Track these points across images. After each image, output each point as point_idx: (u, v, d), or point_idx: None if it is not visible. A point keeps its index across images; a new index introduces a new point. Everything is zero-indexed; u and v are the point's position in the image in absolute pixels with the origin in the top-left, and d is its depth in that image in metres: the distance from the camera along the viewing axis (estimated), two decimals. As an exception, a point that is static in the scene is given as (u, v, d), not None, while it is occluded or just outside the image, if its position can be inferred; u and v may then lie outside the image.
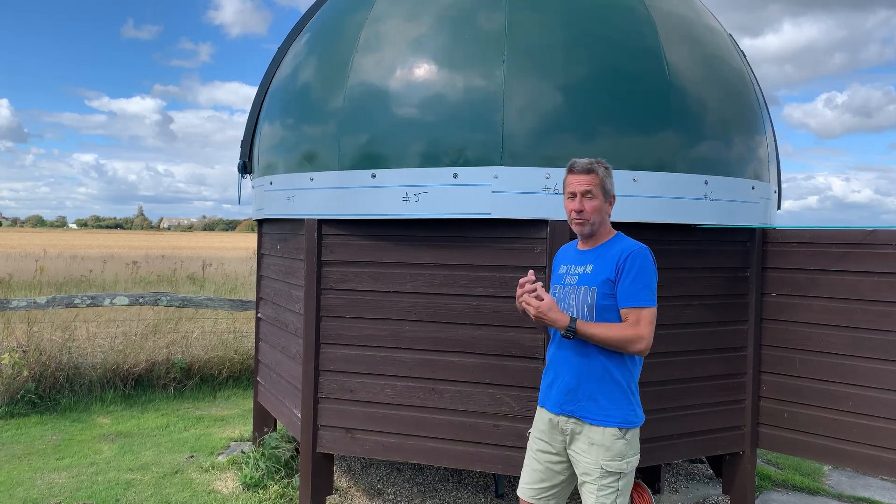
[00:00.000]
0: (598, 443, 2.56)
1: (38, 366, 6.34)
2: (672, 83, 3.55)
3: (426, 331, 3.59)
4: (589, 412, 2.58)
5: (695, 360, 3.75)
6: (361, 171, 3.63)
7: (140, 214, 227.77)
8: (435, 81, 3.53)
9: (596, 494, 2.56)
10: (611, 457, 2.55)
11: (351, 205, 3.70)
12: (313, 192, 3.89)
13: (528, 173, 3.34)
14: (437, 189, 3.44)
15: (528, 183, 3.34)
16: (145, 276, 15.18)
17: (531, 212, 3.37)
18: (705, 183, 3.58)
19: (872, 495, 4.65)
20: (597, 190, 2.61)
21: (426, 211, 3.47)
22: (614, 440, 2.55)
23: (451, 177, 3.41)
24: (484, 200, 3.37)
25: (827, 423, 3.68)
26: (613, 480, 2.55)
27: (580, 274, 2.66)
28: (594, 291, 2.58)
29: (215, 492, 4.42)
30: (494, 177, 3.35)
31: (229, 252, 29.58)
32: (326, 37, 4.18)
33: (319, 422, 3.82)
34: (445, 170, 3.42)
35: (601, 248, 2.67)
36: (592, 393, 2.58)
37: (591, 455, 2.57)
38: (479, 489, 4.53)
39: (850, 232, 3.61)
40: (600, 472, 2.55)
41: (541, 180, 3.33)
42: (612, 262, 2.58)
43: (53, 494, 4.35)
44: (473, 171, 3.38)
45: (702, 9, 4.24)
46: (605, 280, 2.57)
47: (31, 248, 26.89)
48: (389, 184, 3.54)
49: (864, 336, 3.55)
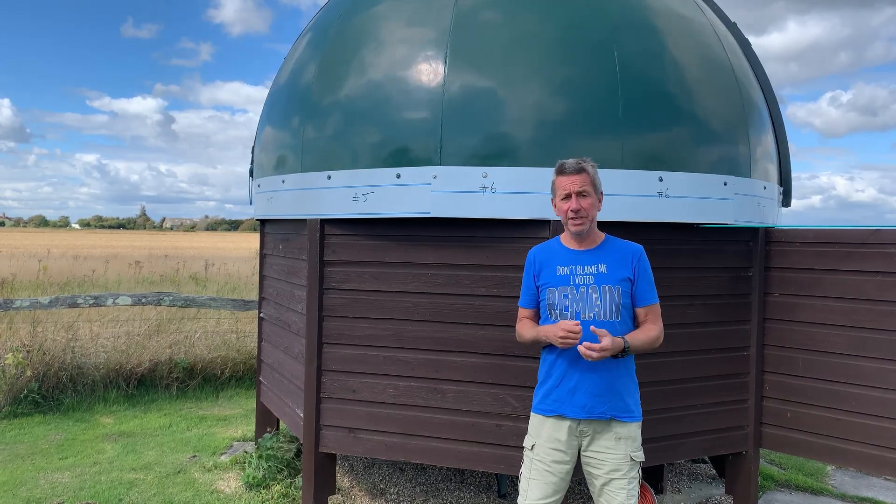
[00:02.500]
0: (625, 436, 2.68)
1: (41, 365, 6.35)
2: (621, 79, 3.42)
3: (428, 330, 3.59)
4: (620, 411, 2.68)
5: (698, 359, 3.74)
6: (319, 172, 3.82)
7: (143, 214, 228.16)
8: (380, 83, 3.65)
9: (627, 488, 2.65)
10: (636, 447, 2.70)
11: (309, 205, 3.91)
12: (285, 192, 4.18)
13: (466, 172, 3.39)
14: (382, 189, 3.55)
15: (466, 183, 3.39)
16: (148, 276, 15.20)
17: (468, 211, 3.45)
18: (660, 179, 3.46)
19: (876, 495, 4.64)
20: (589, 188, 2.67)
21: (372, 210, 3.60)
22: (637, 431, 2.72)
23: (395, 177, 3.50)
24: (425, 200, 3.43)
25: (830, 423, 3.67)
26: (638, 470, 2.71)
27: (594, 273, 2.69)
28: (619, 290, 2.66)
29: (218, 491, 4.42)
30: (434, 176, 3.41)
31: (232, 252, 29.62)
32: (309, 40, 4.40)
33: (322, 422, 3.82)
34: (389, 170, 3.52)
35: (604, 247, 2.71)
36: (621, 391, 2.68)
37: (620, 449, 2.67)
38: (482, 489, 4.52)
39: (854, 231, 3.60)
40: (630, 464, 2.67)
41: (478, 179, 3.38)
42: (626, 261, 2.68)
43: (56, 494, 4.35)
44: (414, 171, 3.45)
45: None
46: (625, 279, 2.67)
47: (34, 249, 26.94)
48: (341, 185, 3.70)
49: (867, 336, 3.54)
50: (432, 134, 3.43)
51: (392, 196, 3.52)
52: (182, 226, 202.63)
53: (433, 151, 3.42)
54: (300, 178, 3.99)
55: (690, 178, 3.53)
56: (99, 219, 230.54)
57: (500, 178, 3.37)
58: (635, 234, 3.20)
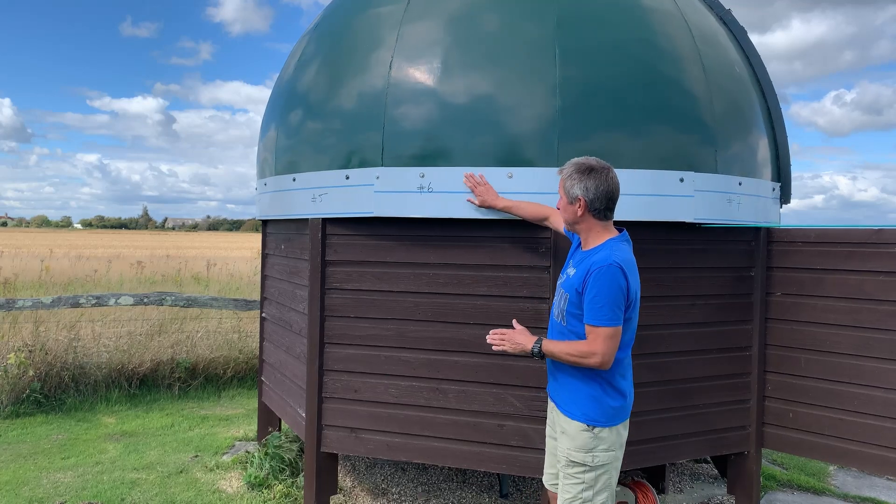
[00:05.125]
0: (567, 431, 2.84)
1: (43, 365, 6.36)
2: (562, 72, 3.36)
3: (430, 330, 3.59)
4: (561, 402, 2.85)
5: (700, 359, 3.74)
6: (286, 175, 4.11)
7: (145, 214, 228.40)
8: (334, 87, 3.82)
9: (564, 484, 2.87)
10: (576, 447, 2.75)
11: (280, 206, 4.25)
12: (263, 195, 4.56)
13: (405, 173, 3.46)
14: (334, 190, 3.71)
15: (405, 183, 3.46)
16: (150, 276, 15.21)
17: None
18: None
19: (878, 495, 4.64)
20: (560, 191, 2.73)
21: (326, 211, 3.76)
22: (578, 433, 2.74)
23: (345, 178, 3.65)
24: (370, 200, 3.54)
25: (833, 424, 3.66)
26: (582, 472, 2.77)
27: (567, 276, 2.75)
28: (566, 298, 2.70)
29: (220, 491, 4.43)
30: (376, 177, 3.51)
31: (234, 252, 29.65)
32: (298, 41, 4.62)
33: (324, 421, 3.82)
34: (340, 172, 3.66)
35: (586, 254, 2.71)
36: (562, 383, 2.84)
37: (562, 443, 2.86)
38: (484, 489, 4.52)
39: (857, 231, 3.59)
40: (567, 462, 2.83)
41: (416, 180, 3.43)
42: (583, 274, 2.62)
43: (59, 493, 4.36)
44: (360, 172, 3.59)
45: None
46: (575, 290, 2.65)
47: (36, 249, 26.99)
48: (302, 186, 3.94)
49: (870, 336, 3.53)
50: (376, 136, 3.53)
51: (343, 197, 3.67)
52: (184, 226, 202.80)
53: (377, 153, 3.53)
54: (275, 180, 4.28)
55: (638, 174, 3.42)
56: (101, 219, 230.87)
57: (436, 177, 3.43)
58: (634, 233, 3.19)
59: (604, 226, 2.69)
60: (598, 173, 2.63)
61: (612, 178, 2.64)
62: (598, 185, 2.62)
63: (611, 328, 2.54)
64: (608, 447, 2.67)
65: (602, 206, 2.64)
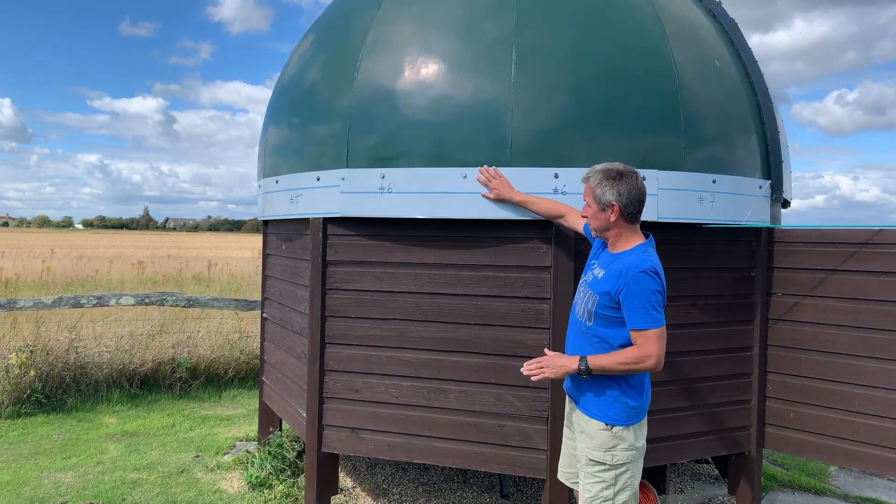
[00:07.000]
0: (586, 431, 2.88)
1: (44, 365, 6.37)
2: (517, 77, 3.35)
3: (431, 331, 3.59)
4: (583, 403, 2.86)
5: (701, 360, 3.73)
6: (271, 178, 4.34)
7: (146, 214, 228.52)
8: (308, 93, 3.98)
9: (584, 482, 2.87)
10: (595, 446, 2.79)
11: (269, 207, 4.43)
12: (260, 196, 4.69)
13: (367, 174, 3.57)
14: (308, 191, 3.86)
15: (367, 183, 3.57)
16: (151, 277, 15.23)
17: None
18: (555, 176, 3.36)
19: (879, 496, 4.63)
20: (589, 199, 2.74)
21: (300, 211, 3.93)
22: (597, 433, 2.78)
23: (315, 180, 3.79)
24: (336, 200, 3.65)
25: (833, 424, 3.66)
26: (604, 471, 2.79)
27: (595, 276, 2.75)
28: (595, 300, 2.70)
29: (221, 491, 4.43)
30: (342, 178, 3.63)
31: (235, 252, 29.67)
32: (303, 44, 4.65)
33: (325, 422, 3.82)
34: (312, 174, 3.81)
35: (616, 256, 2.71)
36: (582, 387, 2.86)
37: (581, 442, 2.90)
38: (484, 489, 4.53)
39: (858, 231, 3.59)
40: (586, 461, 2.85)
41: (377, 180, 3.53)
42: (616, 277, 2.62)
43: (60, 493, 4.37)
44: (328, 173, 3.72)
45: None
46: (606, 292, 2.64)
47: (38, 249, 27.02)
48: (282, 188, 4.16)
49: (871, 336, 3.53)
50: (341, 138, 3.64)
51: (315, 197, 3.80)
52: (185, 226, 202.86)
53: (342, 155, 3.64)
54: (265, 182, 4.46)
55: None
56: (102, 219, 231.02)
57: (395, 178, 3.48)
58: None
59: (633, 229, 2.72)
60: (628, 178, 2.65)
61: (640, 181, 2.69)
62: (630, 190, 2.64)
63: (659, 329, 2.57)
64: (628, 446, 2.70)
65: (634, 210, 2.67)
